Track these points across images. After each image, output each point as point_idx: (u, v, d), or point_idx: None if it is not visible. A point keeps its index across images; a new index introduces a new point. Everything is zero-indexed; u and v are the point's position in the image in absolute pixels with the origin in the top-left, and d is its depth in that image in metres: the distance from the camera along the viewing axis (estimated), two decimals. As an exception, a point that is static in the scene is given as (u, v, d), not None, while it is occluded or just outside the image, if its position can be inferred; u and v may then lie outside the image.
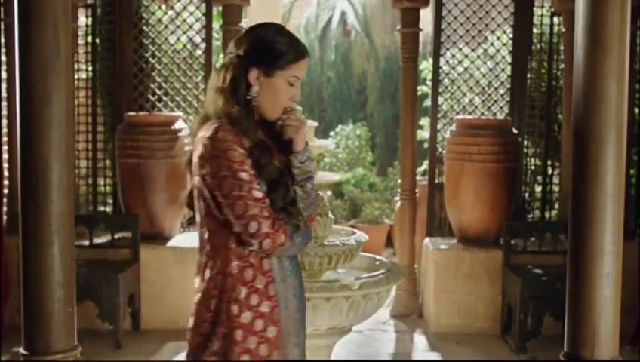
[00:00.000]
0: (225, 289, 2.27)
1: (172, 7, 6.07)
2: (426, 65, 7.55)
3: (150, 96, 6.01)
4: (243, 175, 2.23)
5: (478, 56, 6.22)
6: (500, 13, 6.03)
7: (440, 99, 6.05)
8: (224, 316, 2.26)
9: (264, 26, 2.47)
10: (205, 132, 2.28)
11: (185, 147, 5.56)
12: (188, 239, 5.68)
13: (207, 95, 2.44)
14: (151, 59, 6.00)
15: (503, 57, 6.09)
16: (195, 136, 2.36)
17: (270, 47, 2.36)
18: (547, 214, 6.10)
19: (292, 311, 2.36)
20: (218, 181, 2.23)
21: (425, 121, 7.33)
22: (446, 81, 6.16)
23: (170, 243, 5.56)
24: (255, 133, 2.31)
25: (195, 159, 2.30)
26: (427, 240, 5.83)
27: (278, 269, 2.34)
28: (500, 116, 6.04)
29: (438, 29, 5.97)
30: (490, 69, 6.15)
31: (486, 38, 6.22)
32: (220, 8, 6.06)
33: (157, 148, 5.43)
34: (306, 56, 2.40)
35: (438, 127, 6.04)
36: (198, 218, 2.36)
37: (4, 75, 5.45)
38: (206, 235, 2.33)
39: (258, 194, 2.25)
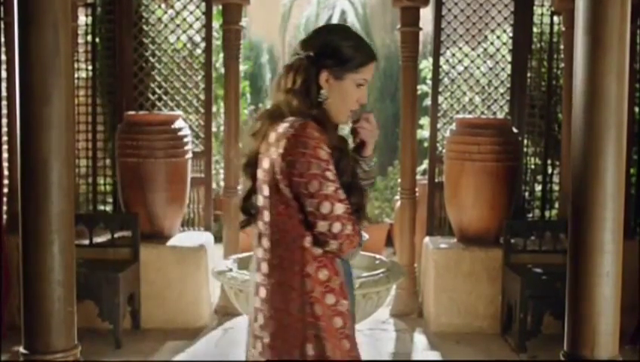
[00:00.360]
0: (305, 291, 2.27)
1: (172, 6, 6.07)
2: (425, 65, 7.54)
3: (150, 96, 6.01)
4: (330, 174, 2.23)
5: (478, 55, 6.22)
6: (499, 12, 6.03)
7: (440, 99, 6.05)
8: (310, 318, 2.27)
9: (334, 28, 2.50)
10: (287, 128, 2.26)
11: (185, 146, 5.58)
12: (188, 238, 5.69)
13: (274, 95, 2.41)
14: (151, 59, 6.00)
15: (503, 56, 6.09)
16: (264, 134, 2.34)
17: (341, 50, 2.35)
18: (547, 213, 6.10)
19: (352, 311, 2.39)
20: (306, 179, 2.21)
21: (425, 120, 7.32)
22: (446, 80, 6.16)
23: (170, 243, 5.56)
24: (335, 135, 2.33)
25: (275, 156, 2.26)
26: (427, 239, 5.83)
27: (343, 271, 2.36)
28: (500, 115, 6.04)
29: (438, 28, 5.97)
30: (490, 68, 6.15)
31: (486, 37, 6.21)
32: (220, 7, 6.06)
33: (157, 147, 5.44)
34: (375, 59, 2.41)
35: (438, 126, 6.04)
36: (267, 217, 2.33)
37: (3, 74, 5.44)
38: (277, 236, 2.31)
39: (342, 195, 2.25)
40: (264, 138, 2.35)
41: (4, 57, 5.39)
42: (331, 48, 2.35)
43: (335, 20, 10.67)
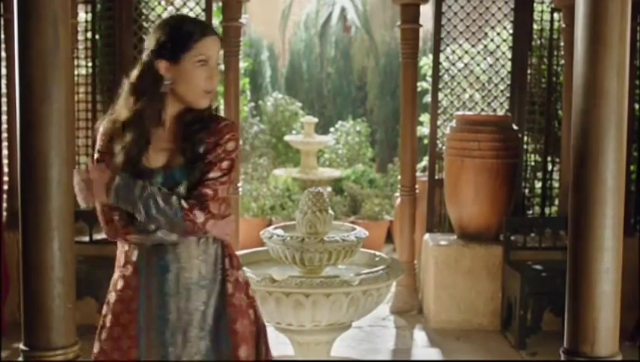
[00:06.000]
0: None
1: (172, 3, 6.06)
2: (426, 62, 7.54)
3: (150, 93, 5.99)
4: (97, 155, 2.47)
5: (478, 52, 6.22)
6: (500, 9, 6.02)
7: (440, 95, 6.05)
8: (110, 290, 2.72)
9: (163, 21, 2.56)
10: None
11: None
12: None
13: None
14: (151, 56, 5.99)
15: (503, 53, 6.09)
16: None
17: (169, 35, 2.41)
18: (547, 210, 6.09)
19: (154, 309, 2.52)
20: None
21: (425, 117, 7.32)
22: (446, 77, 6.15)
23: (170, 240, 5.55)
24: (138, 129, 2.41)
25: None
26: (427, 236, 5.83)
27: (139, 265, 2.60)
28: (500, 112, 6.04)
29: (438, 25, 5.96)
30: (491, 65, 6.15)
31: (486, 34, 6.21)
32: (220, 4, 6.06)
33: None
34: (207, 34, 2.43)
35: (438, 123, 6.04)
36: None
37: (3, 71, 5.44)
38: None
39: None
40: None
41: (3, 54, 5.38)
42: (162, 37, 2.42)
43: (335, 18, 10.67)
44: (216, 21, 6.39)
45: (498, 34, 6.15)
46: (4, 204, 5.28)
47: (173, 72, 2.40)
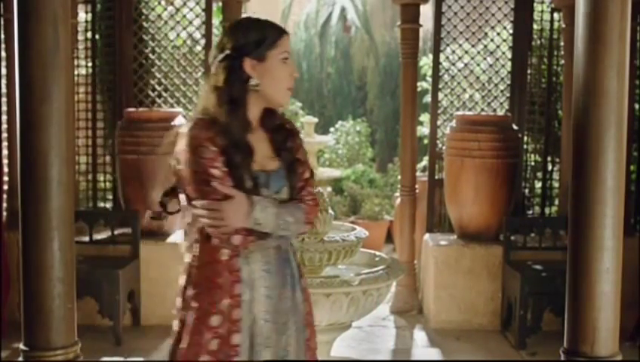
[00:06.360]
0: (195, 281, 2.46)
1: (172, 3, 6.06)
2: (426, 62, 7.54)
3: (150, 92, 6.00)
4: (214, 171, 2.29)
5: (478, 52, 6.22)
6: (500, 9, 6.03)
7: (440, 95, 6.05)
8: (193, 302, 2.42)
9: (237, 22, 2.54)
10: (183, 127, 2.41)
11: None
12: (188, 235, 5.68)
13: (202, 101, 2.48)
14: (151, 55, 6.00)
15: (503, 53, 6.09)
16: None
17: (253, 33, 2.41)
18: (547, 210, 6.10)
19: (259, 313, 2.42)
20: (191, 175, 2.33)
21: (425, 117, 7.32)
22: (446, 77, 6.15)
23: (170, 240, 5.56)
24: (239, 132, 2.35)
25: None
26: (427, 236, 5.83)
27: (247, 271, 2.40)
28: (500, 112, 6.04)
29: (438, 25, 5.97)
30: (491, 65, 6.15)
31: (486, 34, 6.21)
32: (220, 4, 6.06)
33: (157, 144, 5.41)
34: (287, 32, 2.47)
35: (438, 123, 6.04)
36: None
37: (3, 70, 5.44)
38: (191, 221, 2.43)
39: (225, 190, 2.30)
40: None
41: (3, 54, 5.38)
42: (244, 36, 2.40)
43: (335, 18, 10.67)
44: (216, 21, 6.39)
45: (498, 34, 6.15)
46: (4, 204, 5.28)
47: (259, 70, 2.39)
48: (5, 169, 5.35)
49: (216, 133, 2.31)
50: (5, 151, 5.38)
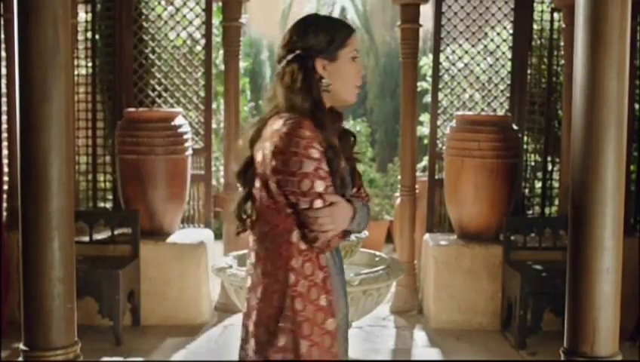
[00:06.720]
0: (288, 284, 2.29)
1: (172, 3, 6.06)
2: (426, 62, 7.54)
3: (150, 92, 6.00)
4: (322, 172, 2.26)
5: (478, 52, 6.22)
6: (500, 9, 6.03)
7: (440, 95, 6.05)
8: (289, 311, 2.28)
9: (305, 20, 2.46)
10: (281, 125, 2.28)
11: (185, 143, 5.57)
12: (188, 235, 5.69)
13: (270, 103, 2.41)
14: (151, 55, 6.00)
15: (503, 53, 6.09)
16: (259, 135, 2.36)
17: (323, 33, 2.38)
18: (547, 210, 6.10)
19: (342, 306, 2.42)
20: (299, 178, 2.23)
21: (425, 117, 7.32)
22: (446, 77, 6.15)
23: (170, 239, 5.56)
24: (330, 133, 2.32)
25: (268, 152, 2.28)
26: (427, 236, 5.83)
27: (332, 265, 2.38)
28: (500, 112, 6.04)
29: (438, 25, 5.97)
30: (491, 65, 6.15)
31: (486, 34, 6.21)
32: (220, 4, 6.06)
33: (157, 144, 5.43)
34: (354, 30, 2.46)
35: (438, 123, 6.04)
36: (258, 207, 2.36)
37: (3, 70, 5.44)
38: (266, 228, 2.33)
39: (333, 191, 2.29)
40: (259, 138, 2.36)
41: (3, 54, 5.38)
42: (314, 36, 2.37)
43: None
44: (216, 21, 6.39)
45: (498, 34, 6.15)
46: (4, 204, 5.29)
47: (330, 70, 2.38)
48: (5, 169, 5.35)
49: (319, 132, 2.27)
50: (5, 151, 5.38)
